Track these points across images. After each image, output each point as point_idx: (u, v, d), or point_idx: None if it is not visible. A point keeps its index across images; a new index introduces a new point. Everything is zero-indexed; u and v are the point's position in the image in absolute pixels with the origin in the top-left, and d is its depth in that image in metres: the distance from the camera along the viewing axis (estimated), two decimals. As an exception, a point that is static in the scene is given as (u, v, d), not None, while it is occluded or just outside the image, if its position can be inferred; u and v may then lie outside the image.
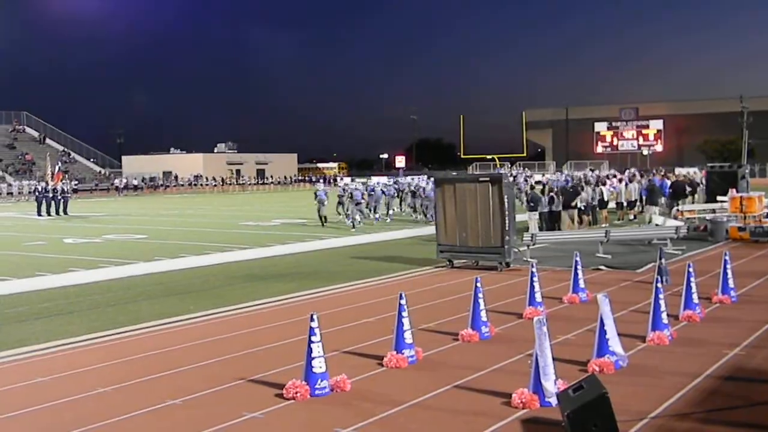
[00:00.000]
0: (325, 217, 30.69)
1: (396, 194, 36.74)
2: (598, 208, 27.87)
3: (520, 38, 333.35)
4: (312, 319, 8.13)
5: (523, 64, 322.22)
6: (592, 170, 57.46)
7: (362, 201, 30.51)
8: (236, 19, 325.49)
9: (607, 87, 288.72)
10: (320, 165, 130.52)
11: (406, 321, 9.37)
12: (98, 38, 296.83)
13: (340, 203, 32.64)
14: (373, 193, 32.56)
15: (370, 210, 32.35)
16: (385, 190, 34.20)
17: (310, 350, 8.11)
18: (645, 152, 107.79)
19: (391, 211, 33.56)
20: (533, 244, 19.02)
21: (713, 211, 25.29)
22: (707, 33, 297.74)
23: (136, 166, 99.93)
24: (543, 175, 59.71)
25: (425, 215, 31.46)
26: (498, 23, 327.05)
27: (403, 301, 9.37)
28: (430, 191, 32.03)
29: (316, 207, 30.85)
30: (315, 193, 31.56)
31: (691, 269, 11.60)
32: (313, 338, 8.10)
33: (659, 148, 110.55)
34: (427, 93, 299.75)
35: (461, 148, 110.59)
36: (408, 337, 9.39)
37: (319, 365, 8.10)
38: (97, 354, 10.47)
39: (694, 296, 11.60)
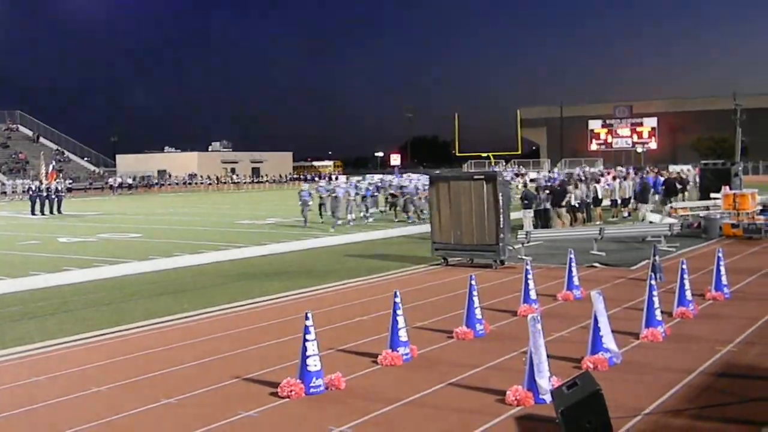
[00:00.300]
0: (320, 212, 30.59)
1: (376, 193, 35.77)
2: (592, 206, 27.90)
3: (516, 37, 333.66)
4: (307, 318, 8.15)
5: (519, 62, 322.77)
6: (583, 168, 57.51)
7: (342, 199, 30.02)
8: (233, 18, 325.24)
9: (602, 85, 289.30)
10: (315, 163, 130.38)
11: (400, 319, 9.39)
12: (92, 37, 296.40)
13: (321, 204, 32.49)
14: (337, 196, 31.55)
15: (362, 210, 32.09)
16: (367, 192, 33.44)
17: (304, 348, 8.13)
18: (639, 150, 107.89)
19: (372, 210, 32.94)
20: (528, 242, 19.05)
21: (707, 208, 25.35)
22: (704, 32, 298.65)
23: (130, 164, 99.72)
24: (538, 172, 59.74)
25: (417, 215, 31.06)
26: (493, 22, 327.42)
27: (397, 299, 9.39)
28: (412, 189, 31.77)
29: (300, 208, 30.74)
30: (299, 194, 31.40)
31: (684, 266, 11.64)
32: (307, 336, 8.11)
33: (653, 145, 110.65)
34: (423, 91, 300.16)
35: (456, 147, 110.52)
36: (403, 335, 9.41)
37: (313, 363, 8.12)
38: (92, 353, 10.47)
39: (688, 293, 11.65)
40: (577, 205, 26.52)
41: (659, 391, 7.87)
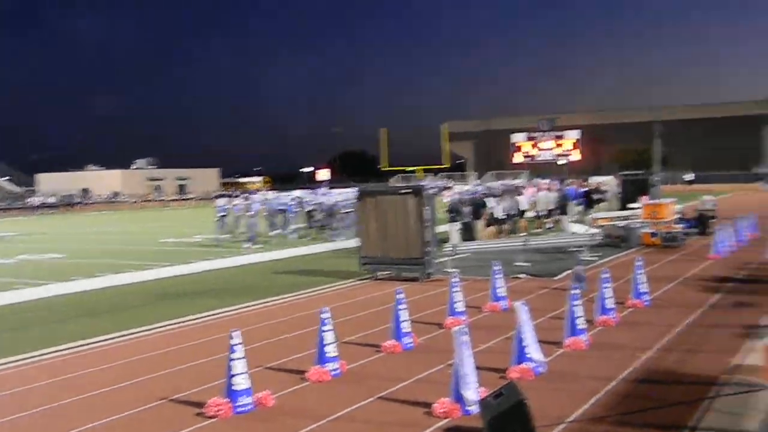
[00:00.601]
0: (228, 234, 30.22)
1: (297, 209, 35.18)
2: (517, 218, 28.34)
3: (445, 51, 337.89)
4: (231, 337, 8.10)
5: (447, 76, 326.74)
6: (505, 181, 58.45)
7: (256, 215, 29.66)
8: (149, 30, 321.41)
9: (529, 98, 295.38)
10: (244, 179, 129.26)
11: (328, 335, 9.40)
12: (10, 56, 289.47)
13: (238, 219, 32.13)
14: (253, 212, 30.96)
15: (287, 226, 31.73)
16: (289, 208, 33.02)
17: (230, 367, 8.07)
18: (560, 162, 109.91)
19: (293, 226, 32.40)
20: (455, 255, 19.25)
21: (626, 218, 25.98)
22: (627, 43, 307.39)
23: (51, 183, 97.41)
24: (464, 186, 60.38)
25: (332, 230, 30.41)
26: (421, 37, 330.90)
27: (324, 315, 9.40)
28: (328, 206, 31.62)
29: (217, 224, 30.39)
30: (216, 210, 30.97)
31: (605, 275, 11.94)
32: (233, 355, 8.06)
33: (577, 157, 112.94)
34: (351, 105, 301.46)
35: (383, 161, 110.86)
36: (331, 350, 9.41)
37: (240, 382, 8.06)
38: (12, 379, 10.19)
39: (609, 301, 11.94)
40: (504, 217, 26.95)
41: (583, 399, 8.05)
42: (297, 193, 39.71)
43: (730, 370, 8.91)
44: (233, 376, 8.05)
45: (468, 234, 25.13)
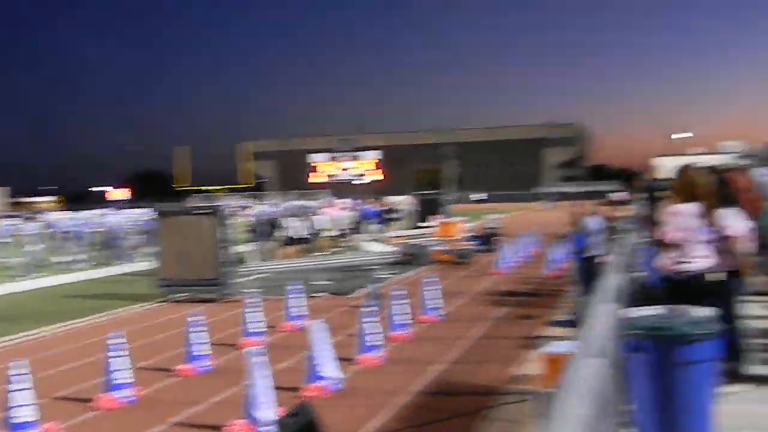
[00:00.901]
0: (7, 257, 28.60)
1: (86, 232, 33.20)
2: (317, 236, 28.65)
3: (247, 70, 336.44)
4: (9, 368, 7.69)
5: (252, 95, 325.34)
6: (301, 201, 59.25)
7: (37, 237, 28.33)
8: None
9: (333, 119, 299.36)
10: (33, 199, 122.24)
11: (118, 360, 9.13)
12: None
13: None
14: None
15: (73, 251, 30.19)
16: (76, 230, 31.50)
17: (11, 399, 7.67)
18: (355, 182, 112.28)
19: (71, 257, 30.53)
20: (254, 275, 19.18)
21: (419, 236, 26.94)
22: (421, 66, 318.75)
23: None
24: (264, 205, 60.33)
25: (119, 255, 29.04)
26: (218, 54, 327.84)
27: (111, 341, 9.12)
28: (117, 227, 30.65)
29: None
30: None
31: (399, 292, 12.33)
32: (13, 386, 7.65)
33: (377, 177, 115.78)
34: (149, 124, 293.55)
35: (177, 180, 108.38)
36: (122, 376, 9.13)
37: (22, 414, 7.66)
38: None
39: (402, 317, 12.35)
40: (306, 237, 27.17)
41: (377, 413, 8.28)
42: (86, 213, 38.09)
43: (511, 380, 9.47)
44: (13, 408, 7.63)
45: (268, 254, 25.19)
